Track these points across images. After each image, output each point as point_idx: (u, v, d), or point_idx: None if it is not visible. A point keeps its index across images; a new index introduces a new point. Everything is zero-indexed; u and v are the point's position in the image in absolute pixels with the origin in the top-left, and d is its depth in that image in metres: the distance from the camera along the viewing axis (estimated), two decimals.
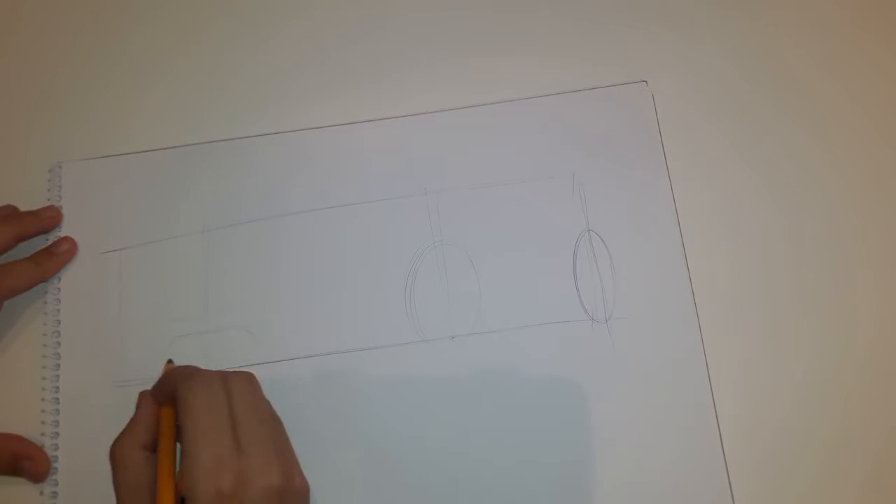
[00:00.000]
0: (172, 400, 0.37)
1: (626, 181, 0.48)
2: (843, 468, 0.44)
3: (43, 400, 0.45)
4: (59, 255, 0.47)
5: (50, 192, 0.49)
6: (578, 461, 0.44)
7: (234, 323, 0.46)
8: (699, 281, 0.46)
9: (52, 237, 0.48)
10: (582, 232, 0.47)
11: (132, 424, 0.38)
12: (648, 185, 0.48)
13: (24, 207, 0.47)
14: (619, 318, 0.46)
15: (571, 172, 0.48)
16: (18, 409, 0.45)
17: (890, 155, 0.49)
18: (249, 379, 0.38)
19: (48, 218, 0.47)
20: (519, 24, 0.51)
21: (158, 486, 0.36)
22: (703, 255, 0.47)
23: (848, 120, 0.49)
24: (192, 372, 0.38)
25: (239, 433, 0.35)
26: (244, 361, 0.45)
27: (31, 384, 0.46)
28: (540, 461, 0.44)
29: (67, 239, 0.47)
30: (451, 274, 0.47)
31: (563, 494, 0.43)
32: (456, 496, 0.43)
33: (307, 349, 0.45)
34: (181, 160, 0.49)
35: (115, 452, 0.37)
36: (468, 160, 0.48)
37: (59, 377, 0.45)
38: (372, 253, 0.47)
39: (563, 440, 0.44)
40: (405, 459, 0.44)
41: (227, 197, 0.48)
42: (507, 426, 0.44)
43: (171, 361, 0.44)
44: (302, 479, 0.36)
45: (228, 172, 0.48)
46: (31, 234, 0.46)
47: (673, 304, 0.46)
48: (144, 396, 0.39)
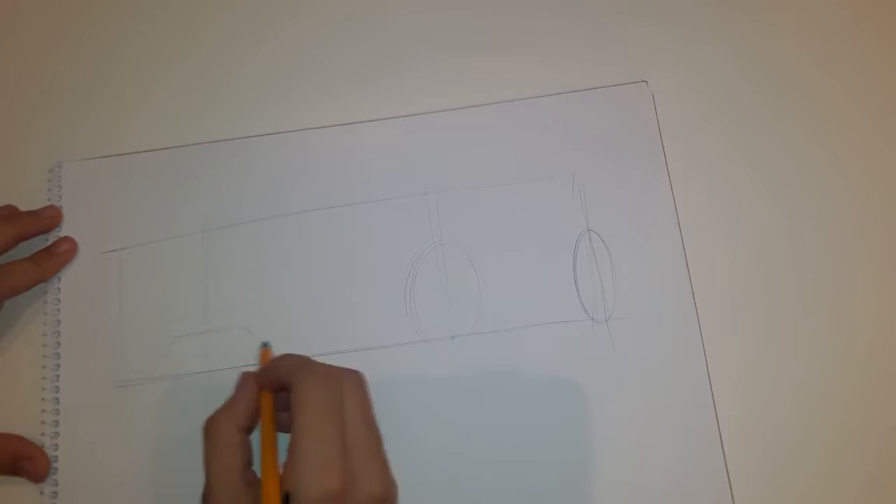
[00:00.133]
0: (279, 387, 0.36)
1: (626, 181, 0.48)
2: (843, 468, 0.44)
3: (43, 400, 0.45)
4: (59, 255, 0.47)
5: (50, 192, 0.49)
6: (578, 461, 0.44)
7: (234, 323, 0.46)
8: (699, 281, 0.46)
9: (52, 237, 0.48)
10: (582, 232, 0.47)
11: (231, 404, 0.37)
12: (648, 185, 0.48)
13: (24, 207, 0.47)
14: (619, 318, 0.46)
15: (571, 172, 0.48)
16: (18, 409, 0.45)
17: (890, 155, 0.49)
18: (360, 379, 0.37)
19: (48, 218, 0.47)
20: (519, 24, 0.51)
21: (263, 475, 0.34)
22: (703, 255, 0.47)
23: (848, 120, 0.49)
24: (307, 363, 0.37)
25: (346, 434, 0.34)
26: (244, 361, 0.45)
27: (31, 384, 0.46)
28: (540, 461, 0.44)
29: (67, 239, 0.47)
30: (451, 274, 0.47)
31: (563, 494, 0.43)
32: (456, 496, 0.43)
33: (307, 349, 0.45)
34: (181, 160, 0.49)
35: (211, 429, 0.36)
36: (468, 160, 0.48)
37: (59, 377, 0.45)
38: (372, 253, 0.47)
39: (563, 440, 0.44)
40: (405, 459, 0.44)
41: (227, 197, 0.48)
42: (507, 426, 0.44)
43: (267, 345, 0.43)
44: (396, 488, 0.36)
45: (228, 172, 0.48)
46: (31, 234, 0.46)
47: (673, 304, 0.46)
48: (248, 378, 0.38)
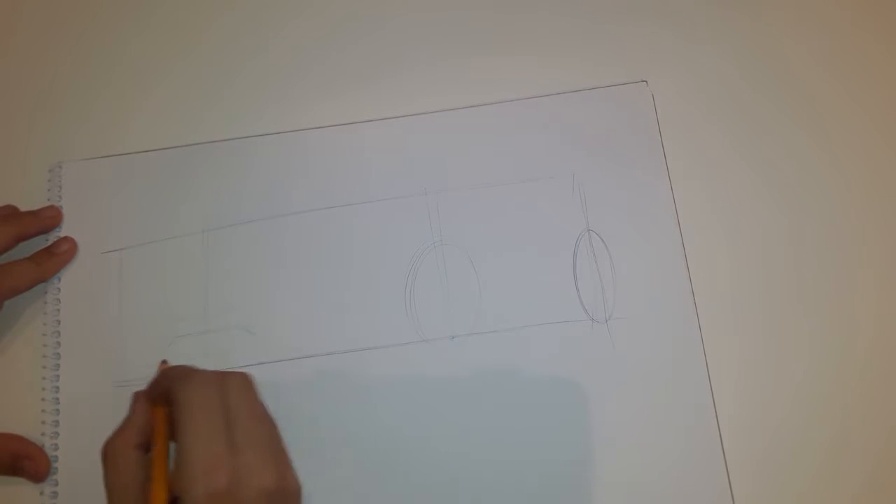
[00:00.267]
0: (167, 400, 0.37)
1: (626, 181, 0.48)
2: (843, 468, 0.44)
3: (43, 400, 0.45)
4: (59, 255, 0.47)
5: (50, 192, 0.49)
6: (579, 461, 0.44)
7: (234, 323, 0.46)
8: (699, 281, 0.46)
9: (52, 237, 0.48)
10: (582, 232, 0.47)
11: (125, 424, 0.38)
12: (648, 185, 0.48)
13: (24, 207, 0.47)
14: (619, 318, 0.46)
15: (571, 172, 0.48)
16: (18, 409, 0.45)
17: (890, 155, 0.49)
18: (245, 379, 0.37)
19: (48, 218, 0.47)
20: (519, 24, 0.51)
21: (152, 482, 0.35)
22: (703, 255, 0.47)
23: (848, 120, 0.49)
24: (187, 371, 0.37)
25: (234, 433, 0.35)
26: (244, 361, 0.45)
27: (31, 384, 0.46)
28: (540, 461, 0.44)
29: (67, 239, 0.47)
30: (450, 274, 0.47)
31: (563, 494, 0.43)
32: (456, 496, 0.43)
33: (307, 349, 0.45)
34: (181, 160, 0.49)
35: (107, 452, 0.36)
36: (468, 160, 0.48)
37: (59, 377, 0.45)
38: (372, 253, 0.47)
39: (563, 440, 0.44)
40: (405, 459, 0.44)
41: (227, 197, 0.48)
42: (507, 426, 0.44)
43: (165, 362, 0.44)
44: (295, 479, 0.36)
45: (228, 172, 0.48)
46: (31, 234, 0.46)
47: (673, 304, 0.46)
48: (139, 396, 0.39)
